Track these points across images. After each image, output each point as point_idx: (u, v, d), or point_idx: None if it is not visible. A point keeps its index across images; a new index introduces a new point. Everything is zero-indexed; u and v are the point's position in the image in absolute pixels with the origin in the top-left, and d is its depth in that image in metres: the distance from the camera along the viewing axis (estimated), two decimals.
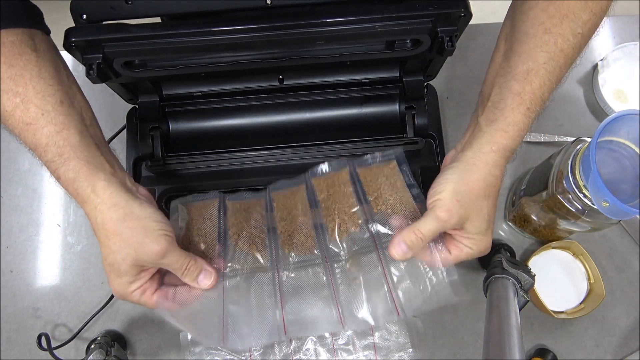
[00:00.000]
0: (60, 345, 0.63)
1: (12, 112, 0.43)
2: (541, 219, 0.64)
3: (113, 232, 0.44)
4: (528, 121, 0.47)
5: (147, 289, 0.47)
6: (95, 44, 0.47)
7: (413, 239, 0.47)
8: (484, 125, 0.48)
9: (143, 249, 0.44)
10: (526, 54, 0.46)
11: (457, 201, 0.46)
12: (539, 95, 0.46)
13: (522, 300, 0.55)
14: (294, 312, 0.51)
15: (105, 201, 0.44)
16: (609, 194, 0.47)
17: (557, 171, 0.57)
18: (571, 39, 0.46)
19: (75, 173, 0.44)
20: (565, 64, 0.47)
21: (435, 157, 0.67)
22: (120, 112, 0.74)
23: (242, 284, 0.51)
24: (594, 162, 0.48)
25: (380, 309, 0.49)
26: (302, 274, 0.52)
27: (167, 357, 0.66)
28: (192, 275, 0.48)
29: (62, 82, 0.46)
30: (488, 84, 0.51)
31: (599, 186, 0.48)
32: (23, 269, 0.69)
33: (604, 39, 0.79)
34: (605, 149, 0.55)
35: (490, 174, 0.47)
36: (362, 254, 0.52)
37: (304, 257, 0.53)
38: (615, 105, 0.74)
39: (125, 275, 0.45)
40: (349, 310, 0.50)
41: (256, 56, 0.54)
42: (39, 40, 0.45)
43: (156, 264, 0.46)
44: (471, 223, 0.47)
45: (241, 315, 0.50)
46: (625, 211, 0.47)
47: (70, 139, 0.44)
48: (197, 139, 0.66)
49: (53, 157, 0.43)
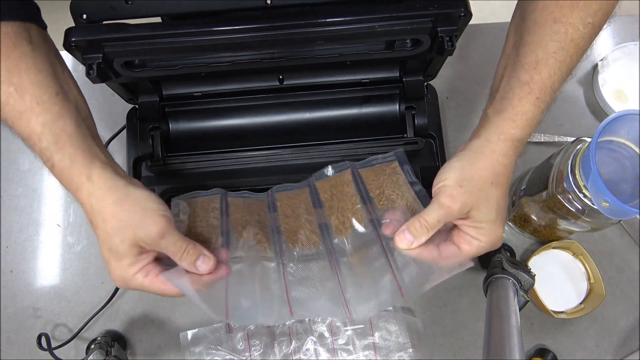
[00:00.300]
0: (61, 345, 0.63)
1: (5, 101, 0.43)
2: (541, 219, 0.64)
3: (111, 214, 0.43)
4: (537, 111, 0.45)
5: (150, 271, 0.46)
6: (95, 44, 0.47)
7: (417, 227, 0.46)
8: (491, 116, 0.47)
9: (142, 229, 0.43)
10: (535, 44, 0.45)
11: (460, 187, 0.45)
12: (548, 85, 0.45)
13: (522, 300, 0.55)
14: (299, 299, 0.50)
15: (100, 187, 0.44)
16: (609, 194, 0.47)
17: (557, 171, 0.57)
18: (581, 29, 0.45)
19: (71, 160, 0.44)
20: (576, 54, 0.46)
21: (435, 157, 0.67)
22: (120, 112, 0.74)
23: (246, 269, 0.51)
24: (594, 162, 0.48)
25: (385, 294, 0.48)
26: (307, 265, 0.52)
27: (167, 357, 0.66)
28: (190, 259, 0.46)
29: (58, 76, 0.46)
30: (498, 76, 0.50)
31: (599, 186, 0.48)
32: (23, 269, 0.69)
33: (604, 39, 0.79)
34: (605, 149, 0.55)
35: (497, 162, 0.46)
36: (367, 247, 0.52)
37: (308, 251, 0.53)
38: (615, 105, 0.74)
39: (125, 258, 0.44)
40: (354, 296, 0.49)
41: (256, 56, 0.54)
42: (34, 33, 0.45)
43: (155, 245, 0.44)
44: (477, 211, 0.45)
45: (245, 293, 0.49)
46: (625, 211, 0.47)
47: (66, 127, 0.44)
48: (197, 139, 0.66)
49: (48, 145, 0.43)
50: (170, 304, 0.68)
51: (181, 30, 0.47)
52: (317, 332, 0.66)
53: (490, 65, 0.77)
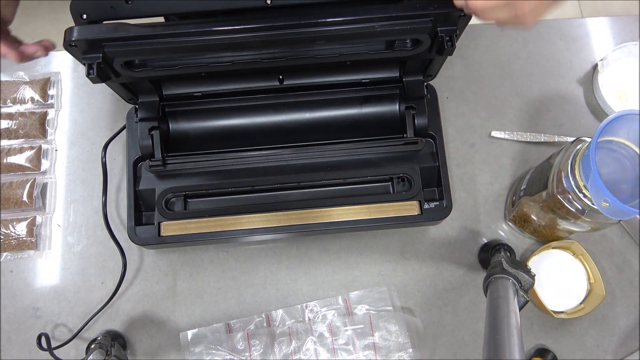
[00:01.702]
0: (61, 345, 0.63)
1: None
2: (541, 219, 0.64)
3: None
4: None
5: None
6: (95, 44, 0.47)
7: None
8: None
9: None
10: None
11: None
12: None
13: (522, 300, 0.55)
14: None
15: None
16: (609, 194, 0.47)
17: (557, 171, 0.57)
18: None
19: None
20: None
21: (435, 157, 0.67)
22: (120, 112, 0.74)
23: None
24: (594, 162, 0.48)
25: None
26: None
27: (167, 357, 0.66)
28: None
29: None
30: None
31: (599, 186, 0.48)
32: (23, 269, 0.69)
33: (604, 39, 0.79)
34: (605, 149, 0.55)
35: None
36: None
37: None
38: (615, 105, 0.74)
39: None
40: None
41: (256, 56, 0.53)
42: None
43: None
44: None
45: None
46: (625, 211, 0.47)
47: None
48: (197, 139, 0.66)
49: None
50: (170, 304, 0.68)
51: (181, 30, 0.47)
52: (317, 332, 0.66)
53: (490, 65, 0.77)
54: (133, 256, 0.69)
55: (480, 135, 0.75)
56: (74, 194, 0.72)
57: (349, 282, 0.69)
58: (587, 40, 0.79)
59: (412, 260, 0.70)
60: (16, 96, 0.74)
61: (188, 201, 0.65)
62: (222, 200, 0.65)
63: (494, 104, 0.76)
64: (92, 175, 0.72)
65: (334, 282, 0.69)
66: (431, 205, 0.63)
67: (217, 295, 0.68)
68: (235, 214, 0.62)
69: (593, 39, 0.79)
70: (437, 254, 0.70)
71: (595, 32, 0.79)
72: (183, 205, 0.64)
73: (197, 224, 0.62)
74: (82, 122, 0.75)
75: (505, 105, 0.76)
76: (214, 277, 0.69)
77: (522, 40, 0.78)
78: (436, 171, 0.65)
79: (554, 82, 0.77)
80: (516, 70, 0.77)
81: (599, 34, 0.79)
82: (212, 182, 0.64)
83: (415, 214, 0.62)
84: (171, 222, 0.62)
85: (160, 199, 0.63)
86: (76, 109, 0.75)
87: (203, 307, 0.68)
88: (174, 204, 0.64)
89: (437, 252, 0.70)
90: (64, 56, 0.77)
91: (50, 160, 0.73)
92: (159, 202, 0.62)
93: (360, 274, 0.69)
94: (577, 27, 0.79)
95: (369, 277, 0.69)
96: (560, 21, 0.79)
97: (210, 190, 0.64)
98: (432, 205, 0.63)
